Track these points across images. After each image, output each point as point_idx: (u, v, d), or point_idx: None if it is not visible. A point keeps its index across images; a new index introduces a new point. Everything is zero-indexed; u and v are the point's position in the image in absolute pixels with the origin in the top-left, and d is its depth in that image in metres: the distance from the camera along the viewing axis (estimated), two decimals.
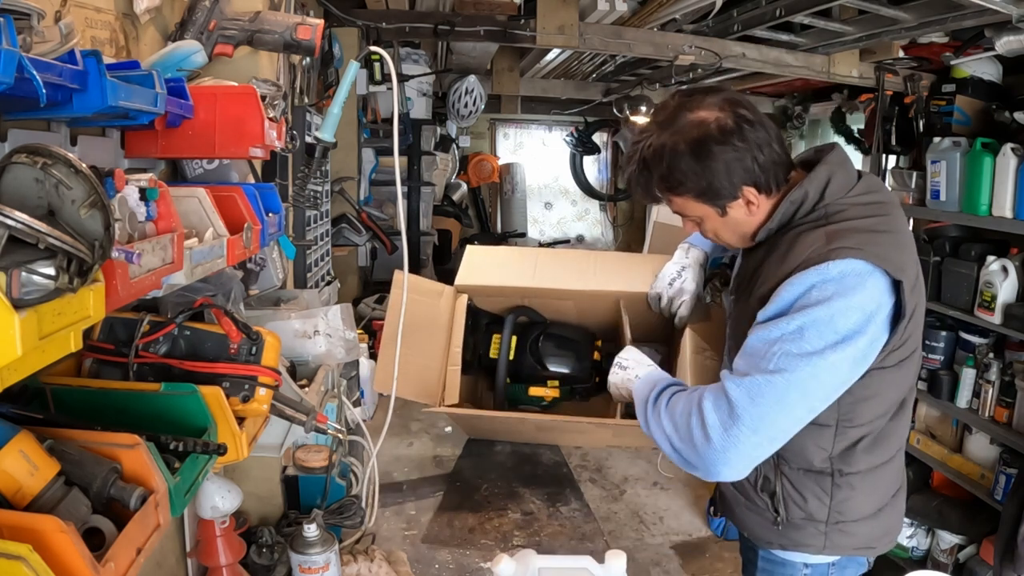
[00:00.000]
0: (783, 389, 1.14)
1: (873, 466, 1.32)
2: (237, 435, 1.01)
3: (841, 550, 1.36)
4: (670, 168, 1.23)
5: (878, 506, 1.35)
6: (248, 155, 1.17)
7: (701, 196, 1.25)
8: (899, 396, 1.31)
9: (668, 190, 1.27)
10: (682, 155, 1.21)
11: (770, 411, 1.15)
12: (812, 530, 1.34)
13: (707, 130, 1.20)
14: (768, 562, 1.44)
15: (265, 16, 1.34)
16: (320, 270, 2.96)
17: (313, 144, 1.51)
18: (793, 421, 1.18)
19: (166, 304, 1.10)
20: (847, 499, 1.31)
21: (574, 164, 7.37)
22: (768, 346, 1.16)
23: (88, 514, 0.76)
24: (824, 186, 1.23)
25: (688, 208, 1.30)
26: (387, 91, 3.83)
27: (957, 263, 2.76)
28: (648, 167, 1.26)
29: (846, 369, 1.17)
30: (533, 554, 1.45)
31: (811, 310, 1.14)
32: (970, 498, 2.78)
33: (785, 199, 1.25)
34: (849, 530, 1.34)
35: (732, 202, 1.25)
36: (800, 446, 1.29)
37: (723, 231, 1.33)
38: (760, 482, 1.36)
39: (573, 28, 2.91)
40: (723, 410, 1.17)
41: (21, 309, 0.56)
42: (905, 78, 3.20)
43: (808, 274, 1.16)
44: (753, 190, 1.24)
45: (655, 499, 3.35)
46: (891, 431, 1.32)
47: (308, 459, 1.73)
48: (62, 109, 0.80)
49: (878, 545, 1.39)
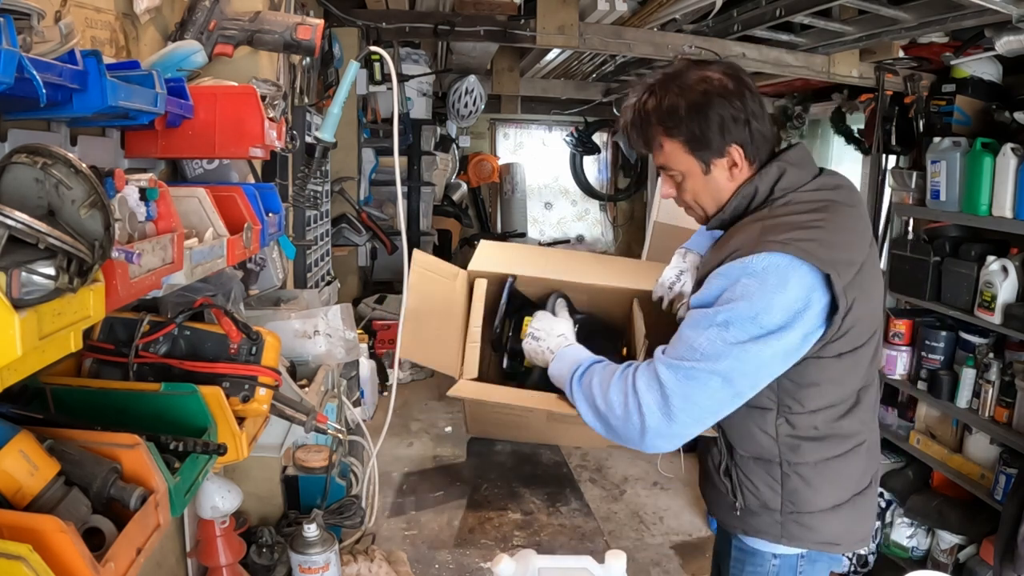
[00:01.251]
0: (707, 375, 1.21)
1: (824, 458, 1.33)
2: (237, 435, 1.01)
3: (800, 542, 1.38)
4: (671, 109, 1.28)
5: (837, 501, 1.36)
6: (248, 155, 1.17)
7: (691, 144, 1.29)
8: (850, 390, 1.32)
9: (664, 132, 1.31)
10: (685, 99, 1.27)
11: (696, 394, 1.22)
12: (768, 519, 1.38)
13: (711, 84, 1.27)
14: (740, 551, 1.47)
15: (265, 16, 1.34)
16: (320, 270, 2.96)
17: (313, 144, 1.51)
18: (719, 404, 1.24)
19: (166, 304, 1.10)
20: (797, 490, 1.34)
21: (574, 164, 7.37)
22: (697, 334, 1.22)
23: (88, 514, 0.76)
24: (774, 182, 1.29)
25: (675, 159, 1.33)
26: (387, 91, 3.83)
27: (957, 263, 2.76)
28: (648, 107, 1.31)
29: (772, 360, 1.22)
30: (533, 554, 1.45)
31: (735, 305, 1.19)
32: (970, 498, 2.78)
33: (736, 193, 1.31)
34: (805, 522, 1.36)
35: (718, 159, 1.30)
36: (746, 431, 1.34)
37: (703, 193, 1.35)
38: (722, 466, 1.40)
39: (573, 28, 2.91)
40: (655, 391, 1.23)
41: (21, 309, 0.56)
42: (905, 78, 3.20)
43: (734, 266, 1.21)
44: (740, 152, 1.29)
45: (655, 499, 3.36)
46: (846, 426, 1.33)
47: (308, 459, 1.73)
48: (62, 109, 0.80)
49: (843, 543, 1.40)
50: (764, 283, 1.18)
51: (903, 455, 3.18)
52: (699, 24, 3.12)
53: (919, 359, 2.97)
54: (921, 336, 2.97)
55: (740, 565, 1.47)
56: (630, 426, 1.26)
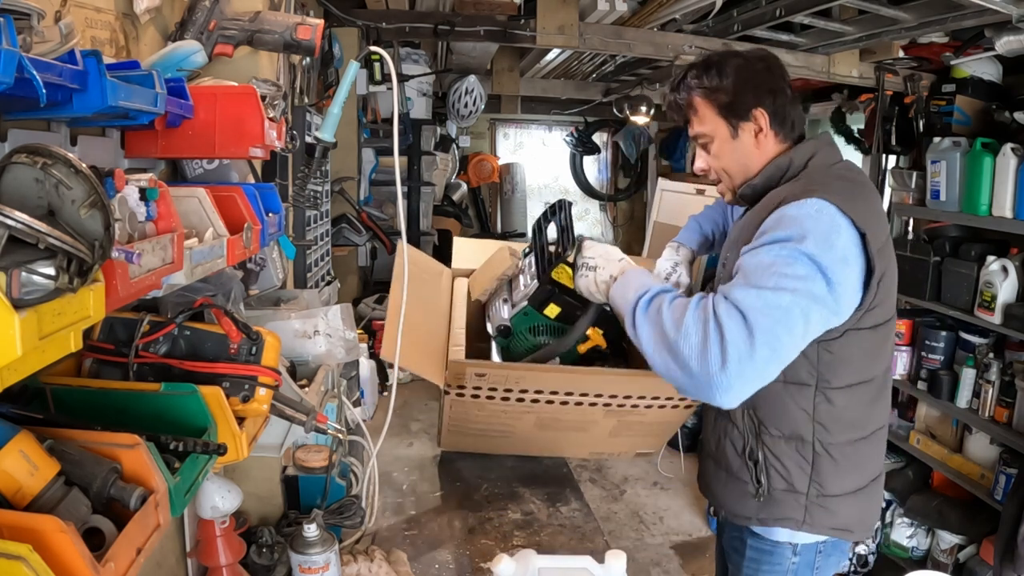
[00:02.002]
0: (788, 305, 1.16)
1: (853, 439, 1.36)
2: (237, 435, 1.01)
3: (820, 528, 1.39)
4: (706, 74, 1.41)
5: (858, 485, 1.39)
6: (248, 155, 1.17)
7: (721, 106, 1.40)
8: (879, 368, 1.37)
9: (699, 95, 1.42)
10: (718, 67, 1.40)
11: (777, 326, 1.16)
12: (793, 502, 1.38)
13: (743, 58, 1.42)
14: (757, 550, 1.45)
15: (265, 16, 1.34)
16: (320, 270, 2.96)
17: (313, 144, 1.51)
18: (792, 344, 1.20)
19: (166, 304, 1.10)
20: (828, 472, 1.35)
21: (574, 164, 7.37)
22: (764, 268, 1.20)
23: (88, 514, 0.76)
24: (809, 157, 1.38)
25: (707, 121, 1.43)
26: (387, 91, 3.83)
27: (957, 263, 2.76)
28: (688, 75, 1.44)
29: (831, 303, 1.20)
30: (533, 554, 1.45)
31: (798, 244, 1.19)
32: (970, 498, 2.78)
33: (771, 162, 1.39)
34: (829, 506, 1.37)
35: (744, 123, 1.39)
36: (781, 408, 1.34)
37: (729, 157, 1.43)
38: (746, 450, 1.40)
39: (573, 28, 2.90)
40: (736, 320, 1.16)
41: (21, 309, 0.56)
42: (905, 78, 3.20)
43: (788, 208, 1.24)
44: (765, 117, 1.38)
45: (655, 499, 3.35)
46: (875, 408, 1.38)
47: (308, 459, 1.73)
48: (62, 109, 0.80)
49: (856, 529, 1.42)
50: (819, 224, 1.20)
51: (903, 455, 3.18)
52: (699, 24, 3.12)
53: (919, 359, 2.98)
54: (921, 336, 2.97)
55: (756, 565, 1.46)
56: (707, 357, 1.15)
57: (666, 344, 1.21)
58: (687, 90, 1.44)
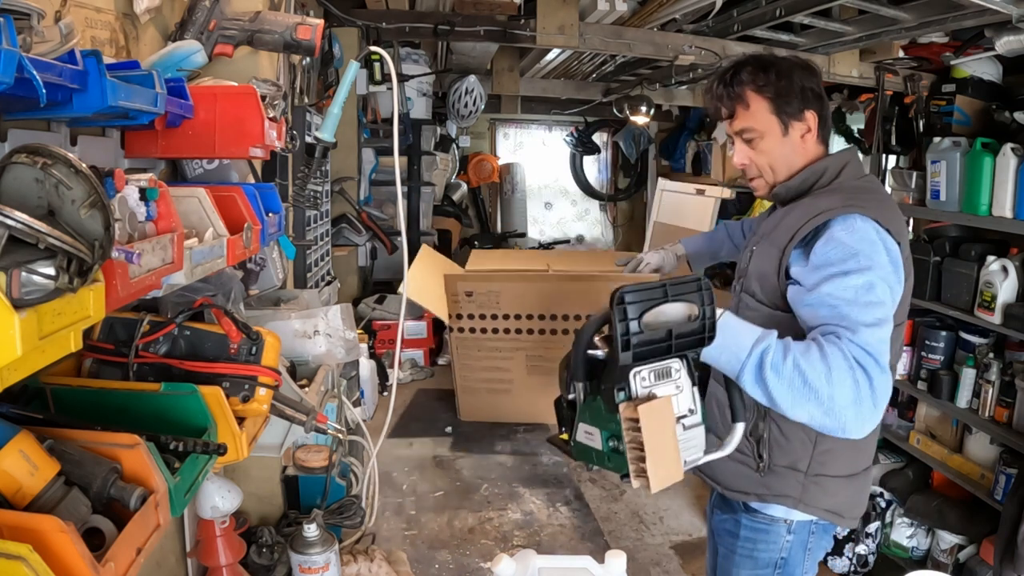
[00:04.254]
0: (885, 333, 1.24)
1: None
2: (237, 435, 1.01)
3: (814, 509, 1.45)
4: (764, 69, 1.44)
5: (852, 470, 1.46)
6: (248, 155, 1.17)
7: (776, 102, 1.44)
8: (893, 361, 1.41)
9: (754, 89, 1.45)
10: (775, 65, 1.45)
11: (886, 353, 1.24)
12: (791, 479, 1.43)
13: (797, 61, 1.48)
14: (752, 529, 1.51)
15: (265, 16, 1.34)
16: (320, 270, 2.96)
17: (313, 144, 1.51)
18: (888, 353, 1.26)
19: (166, 304, 1.10)
20: (830, 450, 1.41)
21: (574, 164, 7.37)
22: (853, 303, 1.25)
23: (88, 514, 0.76)
24: (842, 167, 1.46)
25: (758, 117, 1.46)
26: (387, 91, 3.83)
27: (957, 263, 2.76)
28: (742, 69, 1.47)
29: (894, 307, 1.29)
30: (533, 554, 1.45)
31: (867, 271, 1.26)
32: (970, 498, 2.78)
33: (807, 168, 1.47)
34: (825, 486, 1.43)
35: (796, 122, 1.45)
36: None
37: (777, 154, 1.48)
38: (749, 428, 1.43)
39: (573, 28, 2.91)
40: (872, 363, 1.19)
41: (21, 309, 0.56)
42: (905, 78, 3.20)
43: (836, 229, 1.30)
44: (815, 118, 1.45)
45: (655, 499, 3.35)
46: None
47: (308, 459, 1.73)
48: (62, 109, 0.80)
49: (846, 515, 1.48)
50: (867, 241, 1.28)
51: (903, 455, 3.17)
52: (699, 24, 3.12)
53: (919, 359, 2.97)
54: (921, 336, 2.97)
55: (751, 544, 1.51)
56: (862, 403, 1.17)
57: (814, 398, 1.18)
58: (740, 85, 1.46)
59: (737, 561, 1.55)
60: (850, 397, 1.17)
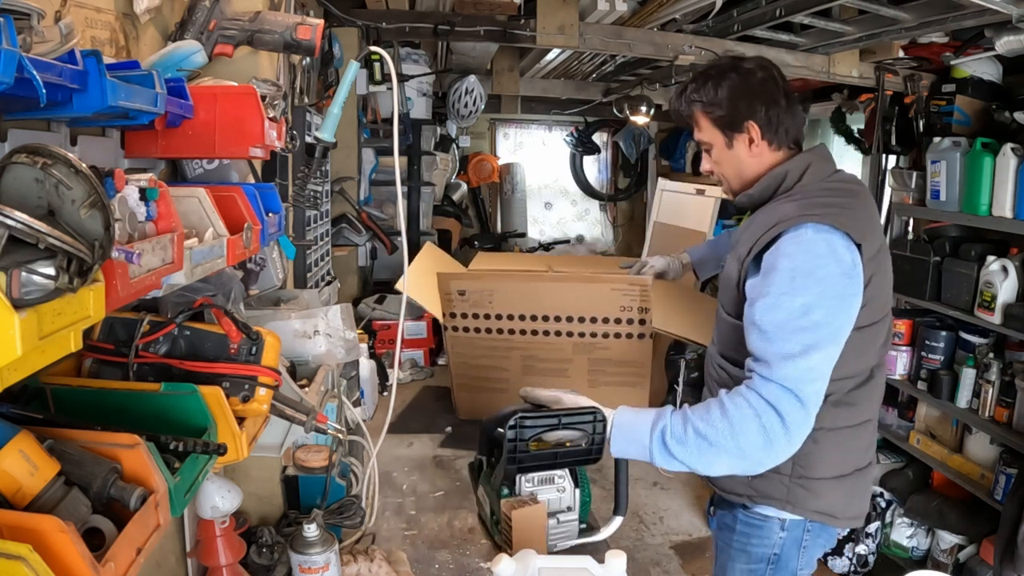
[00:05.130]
0: (818, 360, 1.27)
1: (837, 426, 1.42)
2: (237, 435, 1.01)
3: (803, 510, 1.46)
4: (704, 87, 1.49)
5: (840, 472, 1.46)
6: (248, 155, 1.17)
7: (716, 118, 1.48)
8: (867, 364, 1.43)
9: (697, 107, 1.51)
10: (715, 80, 1.47)
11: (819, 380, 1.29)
12: (776, 481, 1.45)
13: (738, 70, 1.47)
14: (747, 524, 1.54)
15: (265, 16, 1.34)
16: (320, 270, 2.96)
17: (313, 144, 1.51)
18: (824, 376, 1.30)
19: (166, 304, 1.10)
20: (808, 453, 1.40)
21: (574, 164, 7.36)
22: (781, 327, 1.28)
23: (88, 514, 0.76)
24: (803, 170, 1.44)
25: (706, 131, 1.52)
26: (387, 91, 3.83)
27: (957, 263, 2.76)
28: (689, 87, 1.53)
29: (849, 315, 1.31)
30: (533, 554, 1.45)
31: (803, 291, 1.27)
32: (970, 498, 2.78)
33: (768, 173, 1.47)
34: (811, 488, 1.44)
35: (738, 134, 1.47)
36: None
37: (726, 164, 1.53)
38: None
39: (573, 28, 2.90)
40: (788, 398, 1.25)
41: (21, 309, 0.56)
42: (905, 78, 3.20)
43: (785, 242, 1.30)
44: (756, 130, 1.45)
45: (655, 499, 3.35)
46: (859, 398, 1.44)
47: (308, 459, 1.73)
48: (62, 109, 0.80)
49: (841, 516, 1.49)
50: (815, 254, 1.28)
51: (903, 455, 3.18)
52: (699, 24, 3.12)
53: (919, 359, 2.97)
54: (921, 336, 2.97)
55: (746, 539, 1.54)
56: (774, 442, 1.26)
57: (724, 454, 1.28)
58: (687, 102, 1.53)
59: (733, 555, 1.58)
60: (758, 443, 1.26)
